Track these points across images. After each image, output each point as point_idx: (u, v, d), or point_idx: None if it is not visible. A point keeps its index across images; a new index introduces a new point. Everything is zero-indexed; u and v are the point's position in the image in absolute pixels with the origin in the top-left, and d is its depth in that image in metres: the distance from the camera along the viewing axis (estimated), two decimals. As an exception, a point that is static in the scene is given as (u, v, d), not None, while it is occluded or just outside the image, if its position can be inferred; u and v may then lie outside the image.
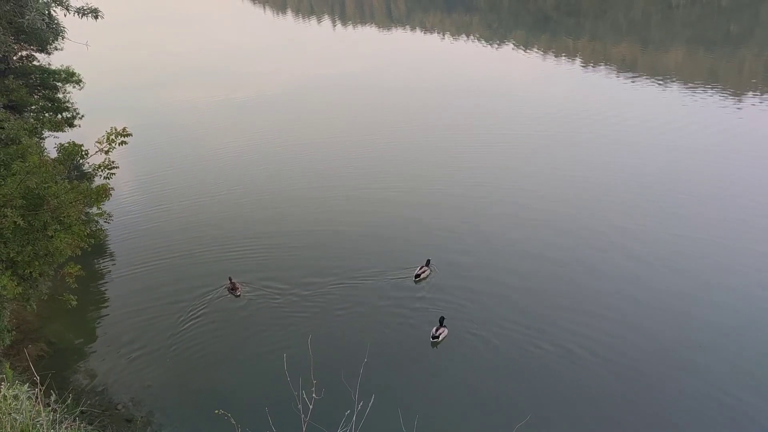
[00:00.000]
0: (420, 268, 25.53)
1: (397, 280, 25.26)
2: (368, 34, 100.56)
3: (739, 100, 48.69)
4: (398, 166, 37.84)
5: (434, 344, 21.50)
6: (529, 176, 35.18)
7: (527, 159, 38.01)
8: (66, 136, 26.29)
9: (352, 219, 30.98)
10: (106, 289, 25.53)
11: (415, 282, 25.20)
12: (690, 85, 53.82)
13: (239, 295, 24.39)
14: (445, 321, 21.89)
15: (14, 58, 31.96)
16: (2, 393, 8.14)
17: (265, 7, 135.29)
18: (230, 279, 24.84)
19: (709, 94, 50.43)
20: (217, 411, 9.30)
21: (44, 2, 28.96)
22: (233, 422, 8.57)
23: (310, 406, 7.85)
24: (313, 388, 8.14)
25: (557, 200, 32.14)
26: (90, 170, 25.15)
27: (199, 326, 22.71)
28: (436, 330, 21.65)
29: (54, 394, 9.24)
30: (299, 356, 11.64)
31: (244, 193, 34.39)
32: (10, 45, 28.35)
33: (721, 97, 49.39)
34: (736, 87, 53.99)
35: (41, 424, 7.76)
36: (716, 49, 72.27)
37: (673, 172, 34.72)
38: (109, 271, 26.84)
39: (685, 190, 32.50)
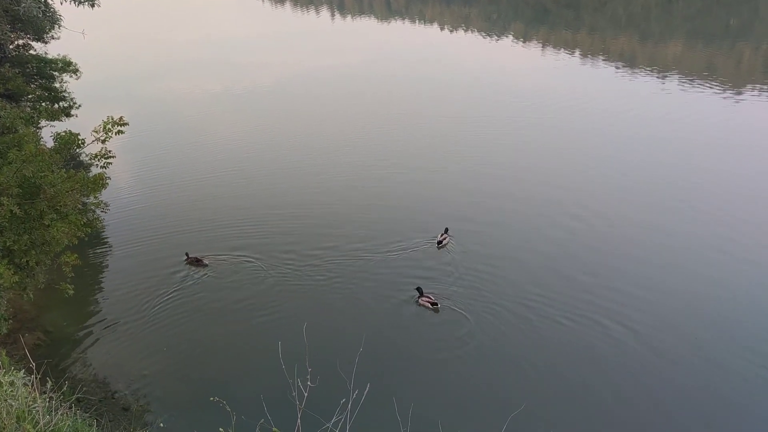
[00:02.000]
0: (441, 236, 26.66)
1: (398, 261, 25.58)
2: (367, 25, 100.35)
3: (738, 94, 48.74)
4: (400, 151, 38.55)
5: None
6: (535, 162, 35.88)
7: (534, 146, 38.46)
8: (62, 126, 26.21)
9: (355, 199, 31.71)
10: (102, 278, 25.54)
11: (438, 248, 26.36)
12: (689, 78, 53.85)
13: (207, 264, 25.33)
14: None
15: (10, 46, 31.85)
16: (-2, 379, 8.18)
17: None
18: (187, 255, 25.61)
19: (708, 87, 50.45)
20: (212, 398, 9.35)
21: (40, -10, 28.86)
22: (228, 409, 8.61)
23: (305, 394, 7.88)
24: (308, 376, 8.15)
25: (563, 183, 32.82)
26: (87, 159, 25.19)
27: (195, 315, 22.75)
28: (419, 298, 22.89)
29: (50, 382, 9.29)
30: (294, 344, 11.69)
31: (243, 181, 34.46)
32: (6, 33, 28.25)
33: (720, 91, 49.42)
34: (735, 80, 54.04)
35: (37, 411, 7.79)
36: (715, 42, 72.25)
37: (672, 165, 34.80)
38: (106, 261, 26.86)
39: (687, 182, 32.67)
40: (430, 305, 22.61)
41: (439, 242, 26.53)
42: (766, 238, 26.99)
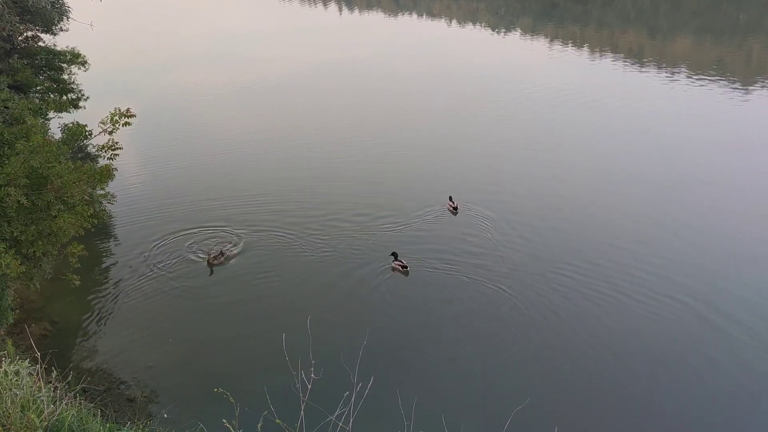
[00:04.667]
0: (454, 202, 28.31)
1: (401, 245, 25.75)
2: (375, 20, 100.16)
3: (747, 90, 48.45)
4: (407, 135, 39.47)
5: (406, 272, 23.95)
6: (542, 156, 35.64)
7: (550, 134, 38.46)
8: (70, 117, 26.28)
9: (357, 191, 31.87)
10: (108, 269, 25.60)
11: (455, 214, 28.08)
12: (698, 74, 53.55)
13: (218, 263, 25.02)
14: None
15: (19, 38, 31.94)
16: (3, 369, 8.22)
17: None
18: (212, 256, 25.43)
19: (717, 83, 50.16)
20: (216, 390, 9.39)
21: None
22: (232, 401, 8.64)
23: (309, 387, 7.90)
24: (312, 369, 8.17)
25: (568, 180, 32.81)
26: (94, 151, 25.30)
27: (201, 307, 22.84)
28: (395, 260, 23.92)
29: (55, 372, 9.32)
30: (298, 336, 11.72)
31: (252, 173, 34.53)
32: (15, 25, 28.32)
33: (729, 87, 49.13)
34: (745, 76, 53.71)
35: (41, 400, 7.83)
36: (725, 37, 71.79)
37: (678, 161, 34.69)
38: (112, 252, 26.92)
39: (689, 178, 32.56)
40: (400, 267, 23.75)
41: (455, 208, 28.08)
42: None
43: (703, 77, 52.13)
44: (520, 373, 19.28)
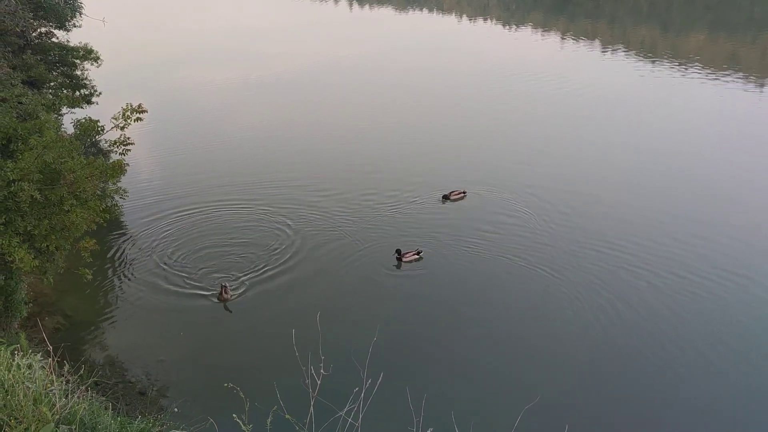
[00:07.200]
0: (461, 191, 29.15)
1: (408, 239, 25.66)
2: (384, 15, 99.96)
3: (762, 85, 48.00)
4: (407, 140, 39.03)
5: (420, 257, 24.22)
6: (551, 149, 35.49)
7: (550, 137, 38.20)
8: (83, 113, 26.43)
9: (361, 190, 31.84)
10: (120, 264, 25.77)
11: (463, 198, 28.88)
12: (711, 69, 53.12)
13: (227, 298, 22.81)
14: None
15: (33, 34, 32.13)
16: (16, 362, 8.28)
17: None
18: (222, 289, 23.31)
19: (731, 78, 49.73)
20: (226, 385, 9.43)
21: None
22: (242, 396, 8.69)
23: (318, 382, 7.93)
24: (321, 364, 8.20)
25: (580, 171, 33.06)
26: (106, 146, 25.44)
27: (211, 302, 22.93)
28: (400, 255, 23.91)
29: (67, 365, 9.40)
30: (308, 332, 11.77)
31: (263, 168, 34.67)
32: (28, 21, 28.49)
33: (743, 82, 48.70)
34: (759, 71, 53.23)
35: (53, 393, 7.89)
36: (739, 32, 71.13)
37: (692, 157, 34.49)
38: (124, 246, 27.08)
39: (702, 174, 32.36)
40: (416, 255, 24.02)
41: (464, 192, 28.94)
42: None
43: (716, 72, 51.71)
44: (533, 368, 19.25)
